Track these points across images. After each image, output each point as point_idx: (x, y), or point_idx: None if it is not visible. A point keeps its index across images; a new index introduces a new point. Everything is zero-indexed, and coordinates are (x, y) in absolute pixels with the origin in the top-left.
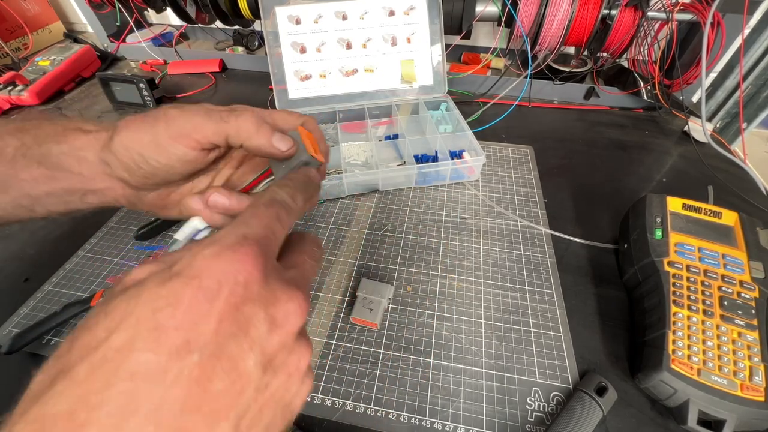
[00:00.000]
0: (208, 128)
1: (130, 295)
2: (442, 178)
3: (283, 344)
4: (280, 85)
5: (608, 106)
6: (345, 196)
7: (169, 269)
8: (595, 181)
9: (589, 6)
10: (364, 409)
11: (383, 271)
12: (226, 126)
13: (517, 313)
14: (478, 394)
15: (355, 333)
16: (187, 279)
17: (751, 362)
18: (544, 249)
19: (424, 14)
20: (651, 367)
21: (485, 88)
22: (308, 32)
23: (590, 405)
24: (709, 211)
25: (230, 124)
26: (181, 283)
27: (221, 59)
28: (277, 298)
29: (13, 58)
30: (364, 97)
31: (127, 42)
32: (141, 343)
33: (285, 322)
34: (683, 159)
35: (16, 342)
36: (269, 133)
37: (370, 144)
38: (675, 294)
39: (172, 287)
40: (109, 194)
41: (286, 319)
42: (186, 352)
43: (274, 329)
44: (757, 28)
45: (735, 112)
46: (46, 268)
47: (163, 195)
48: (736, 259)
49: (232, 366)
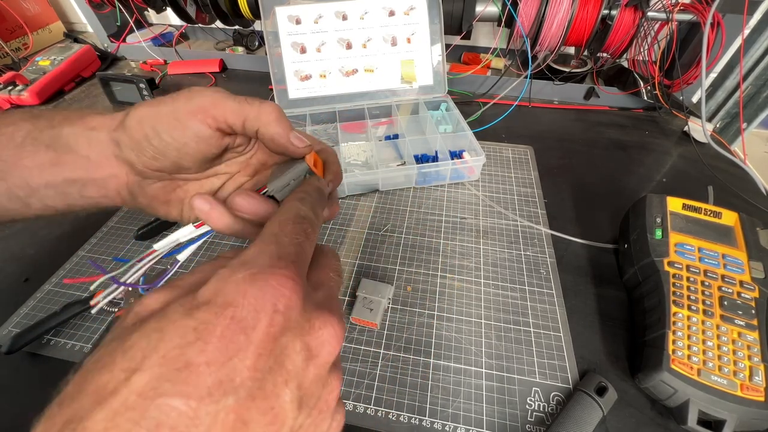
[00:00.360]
0: (228, 106)
1: (151, 328)
2: (442, 178)
3: (318, 377)
4: (280, 85)
5: (608, 106)
6: (345, 196)
7: (194, 297)
8: (595, 181)
9: (589, 6)
10: (364, 409)
11: (383, 271)
12: (248, 107)
13: (517, 313)
14: (478, 394)
15: (355, 333)
16: (219, 308)
17: (751, 362)
18: (544, 249)
19: (424, 14)
20: (651, 367)
21: (485, 88)
22: (308, 32)
23: (590, 405)
24: (709, 211)
25: (253, 106)
26: (212, 313)
27: (221, 59)
28: (311, 325)
29: (13, 58)
30: (364, 97)
31: (127, 42)
32: (169, 386)
33: (320, 351)
34: (683, 159)
35: (16, 342)
36: (288, 126)
37: (370, 144)
38: (675, 294)
39: (201, 318)
40: (111, 184)
41: (321, 348)
42: (220, 395)
43: (310, 360)
44: (757, 28)
45: (735, 112)
46: (46, 268)
47: (167, 188)
48: (736, 259)
49: (268, 406)
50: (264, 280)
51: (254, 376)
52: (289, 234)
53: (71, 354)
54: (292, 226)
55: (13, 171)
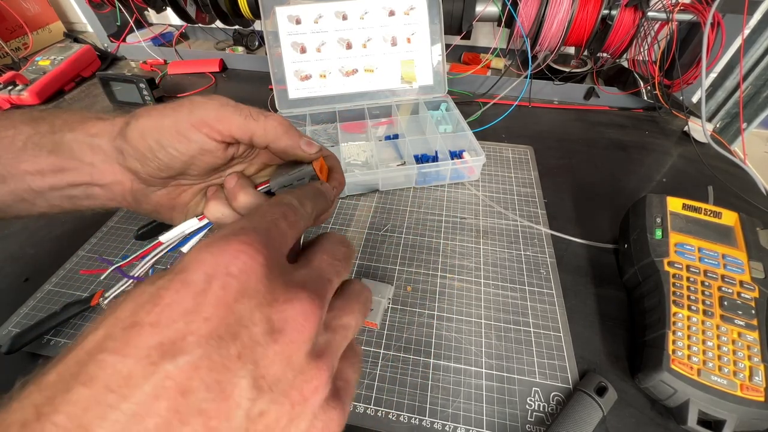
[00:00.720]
0: (234, 122)
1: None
2: (442, 178)
3: (285, 359)
4: (280, 85)
5: (608, 106)
6: (345, 196)
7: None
8: (595, 181)
9: (589, 6)
10: (364, 409)
11: (383, 271)
12: (254, 124)
13: (517, 313)
14: (478, 394)
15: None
16: (174, 274)
17: (751, 362)
18: (544, 249)
19: (424, 14)
20: (651, 367)
21: (485, 88)
22: (308, 32)
23: (590, 405)
24: (709, 211)
25: (259, 123)
26: (167, 279)
27: (221, 59)
28: (275, 297)
29: (13, 57)
30: (364, 97)
31: (127, 42)
32: (110, 343)
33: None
34: (683, 159)
35: (16, 342)
36: (298, 136)
37: (370, 144)
38: (675, 294)
39: (158, 284)
40: (116, 190)
41: (285, 324)
42: (159, 357)
43: (271, 335)
44: (757, 28)
45: (735, 112)
46: (47, 268)
47: (172, 194)
48: (736, 259)
49: (214, 379)
50: (219, 246)
51: (199, 341)
52: (265, 212)
53: None
54: (270, 207)
55: (15, 175)
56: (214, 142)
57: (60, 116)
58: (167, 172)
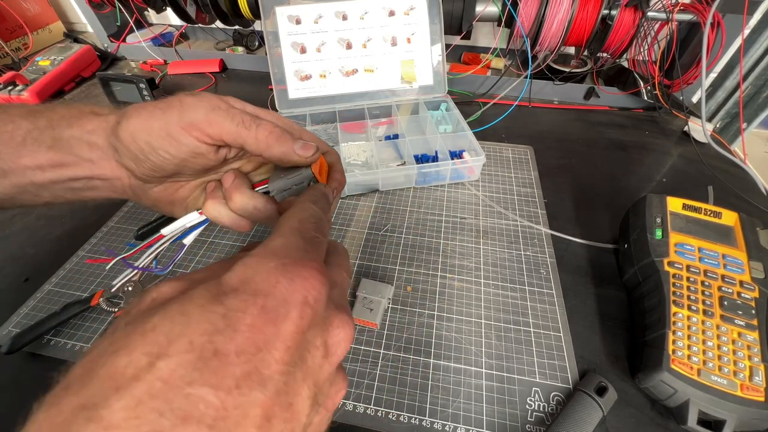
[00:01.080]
0: (225, 128)
1: (176, 311)
2: (442, 178)
3: (330, 375)
4: (280, 85)
5: (608, 106)
6: (345, 196)
7: (219, 282)
8: (595, 181)
9: (589, 6)
10: (364, 409)
11: (383, 271)
12: (245, 133)
13: (517, 313)
14: (478, 394)
15: (355, 333)
16: (249, 296)
17: (751, 362)
18: (544, 249)
19: (424, 14)
20: (651, 367)
21: (485, 88)
22: (308, 32)
23: (590, 405)
24: (709, 211)
25: (250, 132)
26: (241, 301)
27: (221, 59)
28: (331, 322)
29: (13, 58)
30: (364, 97)
31: (127, 42)
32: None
33: (336, 349)
34: (683, 159)
35: (16, 342)
36: (291, 142)
37: (370, 144)
38: (675, 294)
39: (230, 305)
40: (117, 184)
41: (337, 347)
42: (249, 388)
43: (326, 358)
44: (757, 28)
45: (735, 112)
46: (46, 268)
47: (170, 189)
48: (736, 259)
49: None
50: (295, 271)
51: (282, 369)
52: (310, 231)
53: (71, 354)
54: (312, 225)
55: (16, 170)
56: (204, 146)
57: (57, 111)
58: (161, 172)
